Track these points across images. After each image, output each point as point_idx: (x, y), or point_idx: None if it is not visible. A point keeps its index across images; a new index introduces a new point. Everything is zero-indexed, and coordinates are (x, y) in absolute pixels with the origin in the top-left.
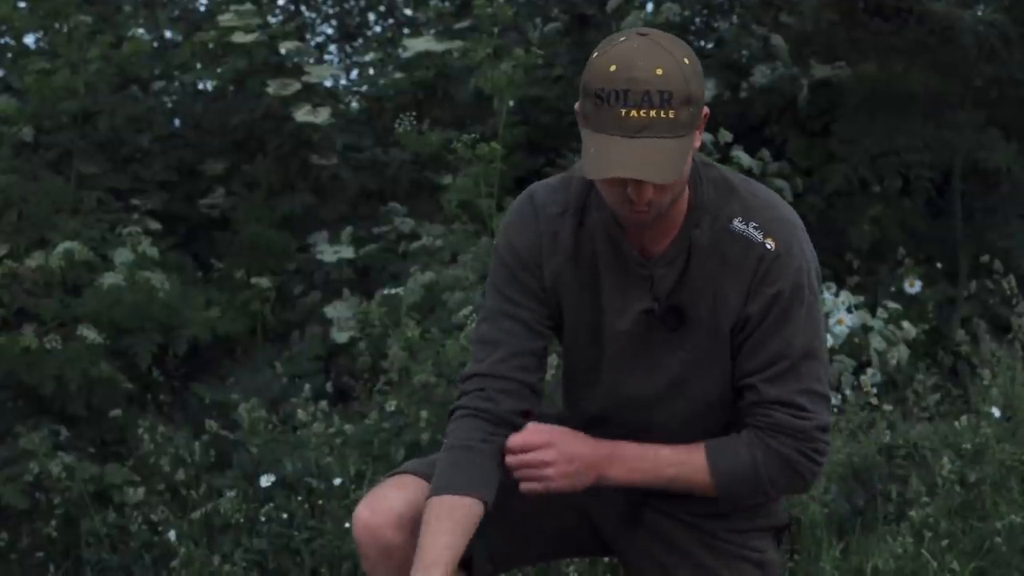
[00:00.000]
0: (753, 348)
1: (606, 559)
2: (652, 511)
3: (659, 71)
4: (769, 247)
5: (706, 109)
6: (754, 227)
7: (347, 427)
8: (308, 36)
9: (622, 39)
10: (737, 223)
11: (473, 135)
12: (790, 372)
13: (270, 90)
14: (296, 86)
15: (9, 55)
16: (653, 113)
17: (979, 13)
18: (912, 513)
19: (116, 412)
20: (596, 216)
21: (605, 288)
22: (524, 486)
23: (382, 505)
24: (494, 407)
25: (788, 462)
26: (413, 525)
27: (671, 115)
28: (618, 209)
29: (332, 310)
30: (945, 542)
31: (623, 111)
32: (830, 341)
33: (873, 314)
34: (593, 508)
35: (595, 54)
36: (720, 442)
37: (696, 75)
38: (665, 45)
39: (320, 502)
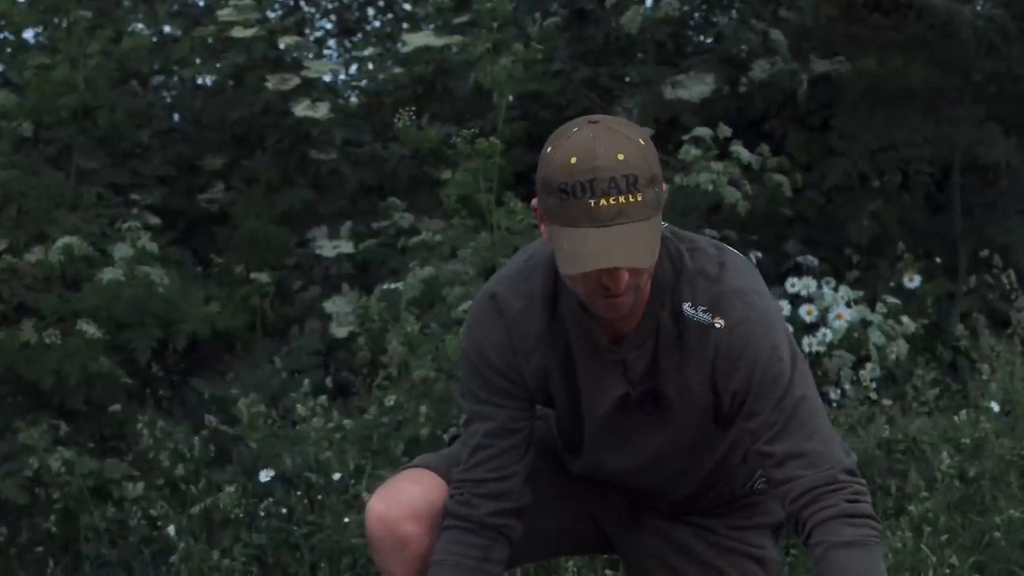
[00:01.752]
0: (748, 416)
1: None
2: (653, 511)
3: (621, 156)
4: (719, 326)
5: (665, 186)
6: (703, 310)
7: (346, 422)
8: (307, 31)
9: (574, 130)
10: (687, 308)
11: (473, 130)
12: (792, 423)
13: (269, 85)
14: (295, 81)
15: (8, 50)
16: (622, 199)
17: (978, 8)
18: (911, 508)
19: (115, 407)
20: (565, 302)
21: (580, 373)
22: None
23: (397, 498)
24: (473, 512)
25: (851, 515)
26: (428, 519)
27: (639, 198)
28: (592, 300)
29: (331, 305)
30: (944, 537)
31: (592, 202)
32: (829, 336)
33: (872, 309)
34: (596, 509)
35: (548, 149)
36: None
37: (653, 154)
38: (619, 129)
39: (319, 497)
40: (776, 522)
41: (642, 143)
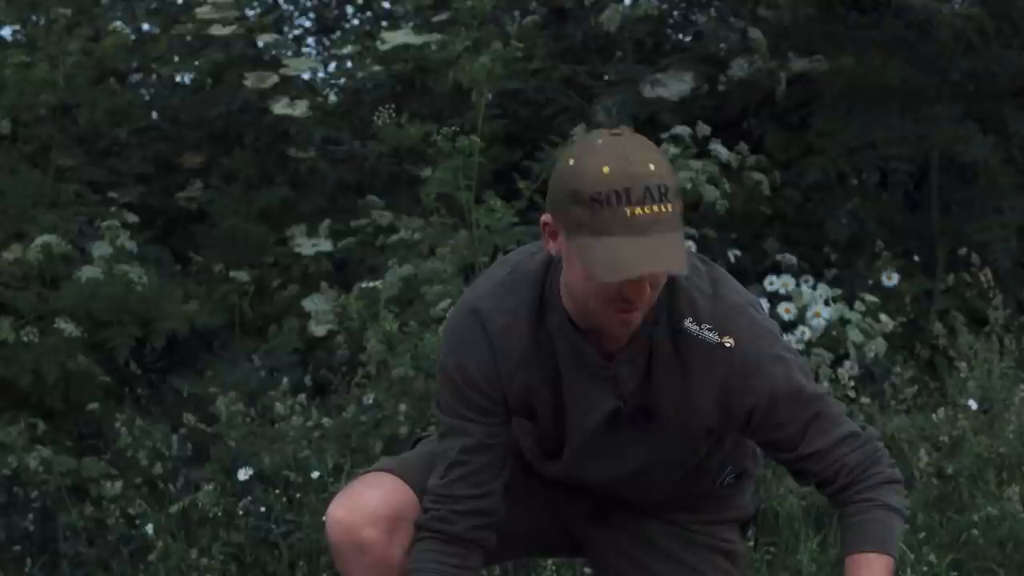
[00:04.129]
0: (774, 428)
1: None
2: (621, 508)
3: (652, 166)
4: (728, 345)
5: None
6: (707, 328)
7: (325, 420)
8: (286, 29)
9: (599, 141)
10: (689, 324)
11: (453, 128)
12: (823, 420)
13: (248, 83)
14: (274, 79)
15: None
16: (656, 208)
17: (956, 7)
18: None
19: (93, 405)
20: (552, 318)
21: (567, 387)
22: None
23: (358, 503)
24: (450, 527)
25: (896, 481)
26: (389, 523)
27: (670, 208)
28: (605, 314)
29: (310, 303)
30: (922, 535)
31: (628, 210)
32: (807, 334)
33: (851, 307)
34: (563, 508)
35: (571, 161)
36: (877, 536)
37: (672, 169)
38: (646, 143)
39: (298, 495)
40: (744, 516)
41: (664, 157)
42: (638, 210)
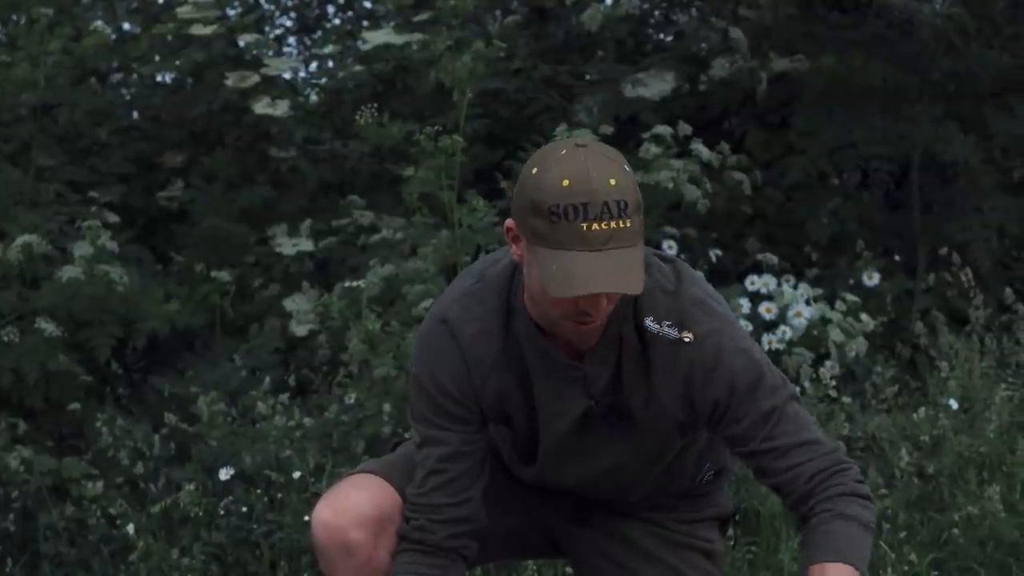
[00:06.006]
0: (733, 421)
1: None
2: (600, 508)
3: (612, 181)
4: (688, 340)
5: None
6: (668, 325)
7: (306, 420)
8: (267, 28)
9: (563, 152)
10: (650, 323)
11: (435, 127)
12: (783, 418)
13: (229, 82)
14: (255, 78)
15: None
16: (614, 224)
17: (937, 7)
18: None
19: (74, 405)
20: (519, 323)
21: (538, 390)
22: None
23: (344, 505)
24: (430, 536)
25: (861, 495)
26: (375, 525)
27: (628, 224)
28: (563, 324)
29: (291, 303)
30: (903, 534)
31: (584, 225)
32: (789, 333)
33: (832, 306)
34: (542, 510)
35: (534, 170)
36: (836, 546)
37: (636, 182)
38: (609, 156)
39: (279, 495)
40: (724, 514)
41: (627, 170)
42: (595, 226)
